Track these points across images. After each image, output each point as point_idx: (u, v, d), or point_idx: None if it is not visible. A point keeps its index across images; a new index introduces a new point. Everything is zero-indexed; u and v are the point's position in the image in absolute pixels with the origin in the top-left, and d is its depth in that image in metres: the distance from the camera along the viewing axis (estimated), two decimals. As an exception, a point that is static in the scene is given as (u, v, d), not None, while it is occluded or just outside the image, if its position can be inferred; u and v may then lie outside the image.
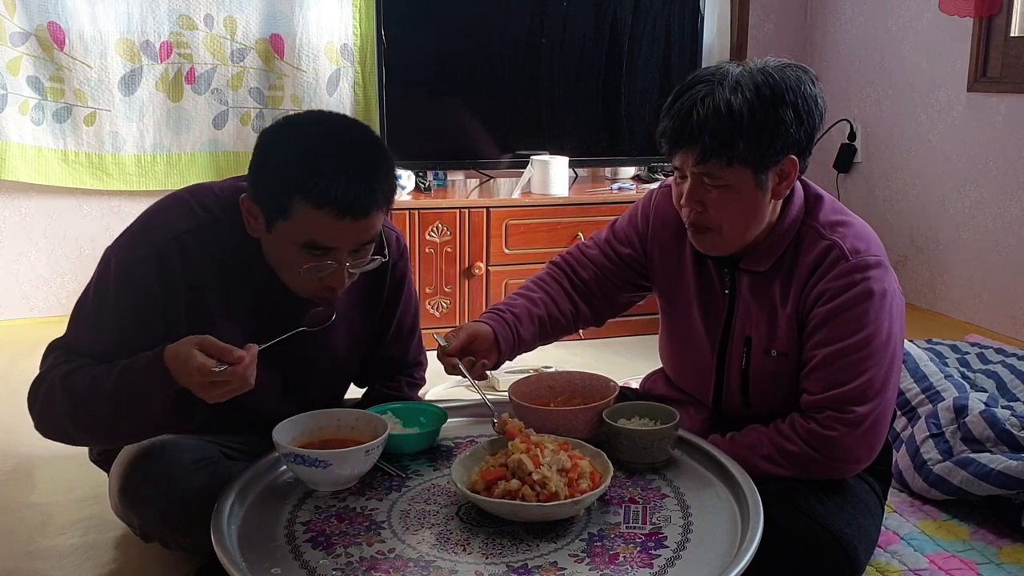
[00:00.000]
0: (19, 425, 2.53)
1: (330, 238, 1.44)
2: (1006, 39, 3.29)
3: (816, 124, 1.54)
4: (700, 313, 1.70)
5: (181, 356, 1.37)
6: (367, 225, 1.45)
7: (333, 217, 1.40)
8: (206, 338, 1.38)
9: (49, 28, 3.25)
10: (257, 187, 1.47)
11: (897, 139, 3.79)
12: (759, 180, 1.53)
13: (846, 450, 1.53)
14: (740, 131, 1.47)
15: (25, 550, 1.89)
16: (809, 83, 1.53)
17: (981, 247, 3.43)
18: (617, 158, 3.75)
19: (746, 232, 1.58)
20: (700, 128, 1.49)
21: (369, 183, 1.42)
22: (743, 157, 1.49)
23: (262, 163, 1.47)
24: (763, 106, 1.48)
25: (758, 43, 4.12)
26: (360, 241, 1.47)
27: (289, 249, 1.46)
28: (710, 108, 1.48)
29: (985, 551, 1.84)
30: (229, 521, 1.37)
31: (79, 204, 3.53)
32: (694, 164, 1.52)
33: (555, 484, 1.34)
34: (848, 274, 1.54)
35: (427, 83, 3.45)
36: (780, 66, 1.53)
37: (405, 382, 1.89)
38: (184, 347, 1.37)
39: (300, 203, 1.40)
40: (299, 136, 1.46)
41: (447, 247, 3.24)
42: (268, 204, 1.45)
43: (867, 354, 1.52)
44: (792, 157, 1.53)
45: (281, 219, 1.44)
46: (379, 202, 1.45)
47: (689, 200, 1.56)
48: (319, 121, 1.51)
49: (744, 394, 1.67)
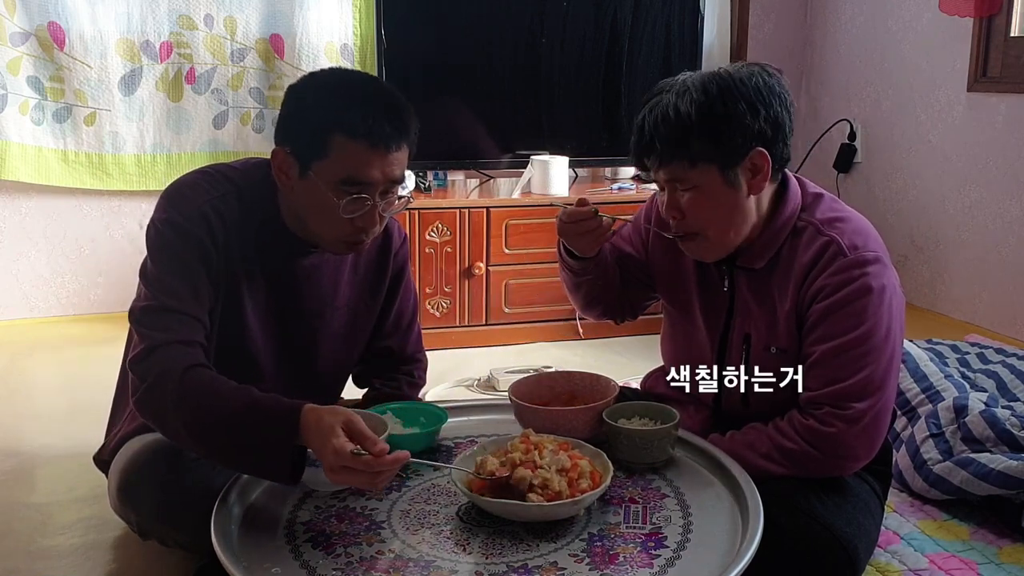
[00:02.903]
0: (19, 425, 2.54)
1: (365, 171, 1.51)
2: (1006, 39, 3.29)
3: (779, 113, 1.53)
4: (701, 311, 1.70)
5: (323, 428, 1.34)
6: (397, 159, 1.54)
7: (368, 148, 1.50)
8: (354, 420, 1.36)
9: (49, 28, 3.25)
10: (292, 132, 1.55)
11: (897, 139, 3.79)
12: (728, 177, 1.53)
13: (845, 447, 1.53)
14: (690, 130, 1.49)
15: (25, 550, 1.89)
16: (762, 75, 1.53)
17: (981, 247, 3.43)
18: (617, 158, 3.74)
19: (731, 232, 1.58)
20: (652, 135, 1.52)
21: (400, 117, 1.53)
22: (703, 155, 1.51)
23: (298, 108, 1.56)
24: (710, 103, 1.49)
25: (758, 43, 4.12)
26: (390, 178, 1.54)
27: (323, 192, 1.52)
28: (658, 115, 1.52)
29: (985, 551, 1.84)
30: (229, 521, 1.37)
31: (79, 204, 3.53)
32: (657, 171, 1.56)
33: (557, 484, 1.34)
34: (846, 270, 1.54)
35: (427, 83, 3.45)
36: (735, 67, 1.55)
37: (405, 381, 1.90)
38: (328, 419, 1.35)
39: (338, 137, 1.49)
40: (331, 81, 1.59)
41: (447, 247, 3.24)
42: (305, 145, 1.52)
43: (866, 350, 1.52)
44: (760, 149, 1.52)
45: (318, 159, 1.51)
46: (406, 137, 1.54)
47: (668, 209, 1.59)
48: (343, 72, 1.67)
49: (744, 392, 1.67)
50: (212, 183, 1.60)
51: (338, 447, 1.31)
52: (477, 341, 3.30)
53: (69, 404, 2.67)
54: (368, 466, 1.31)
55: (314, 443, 1.35)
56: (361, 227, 1.55)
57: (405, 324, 1.89)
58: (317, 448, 1.35)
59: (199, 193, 1.58)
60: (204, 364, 1.48)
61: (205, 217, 1.55)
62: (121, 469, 1.59)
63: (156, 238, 1.56)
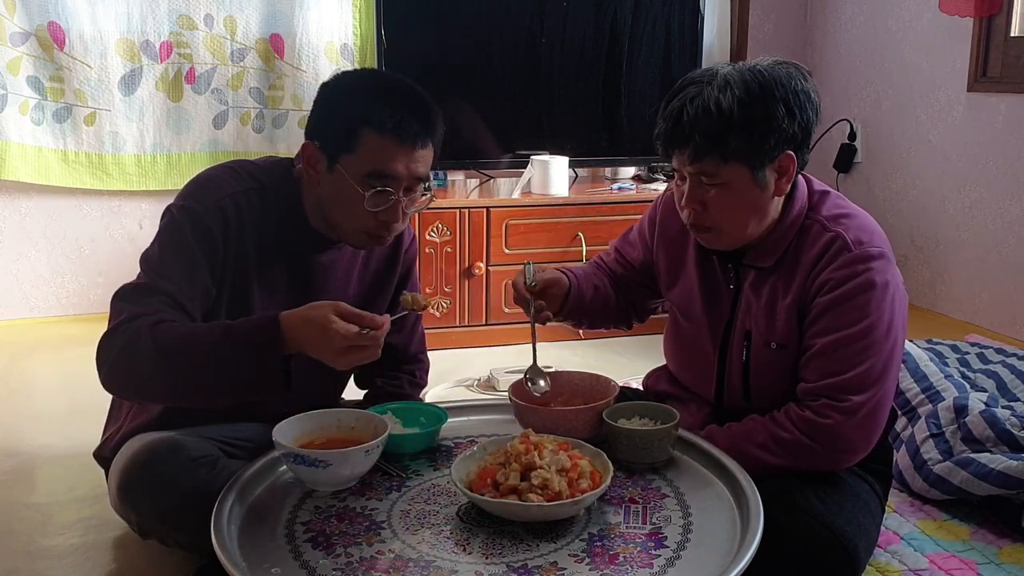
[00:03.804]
0: (19, 425, 2.54)
1: (391, 165, 1.55)
2: (1006, 39, 3.29)
3: (811, 118, 1.55)
4: (704, 309, 1.71)
5: (316, 321, 1.41)
6: (422, 157, 1.58)
7: (396, 143, 1.54)
8: (341, 304, 1.43)
9: (49, 28, 3.25)
10: (322, 126, 1.59)
11: (897, 139, 3.80)
12: (756, 177, 1.53)
13: (842, 439, 1.53)
14: (731, 127, 1.49)
15: (25, 550, 1.89)
16: (800, 78, 1.54)
17: (981, 247, 3.43)
18: (617, 158, 3.75)
19: (748, 229, 1.59)
20: (691, 127, 1.51)
21: (426, 115, 1.59)
22: (737, 154, 1.51)
23: (329, 104, 1.60)
24: (752, 102, 1.49)
25: (758, 43, 4.12)
26: (415, 175, 1.58)
27: (351, 185, 1.55)
28: (699, 107, 1.50)
29: (985, 551, 1.84)
30: (229, 521, 1.37)
31: (79, 204, 3.53)
32: (689, 163, 1.54)
33: (557, 484, 1.34)
34: (850, 264, 1.54)
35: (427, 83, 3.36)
36: (771, 64, 1.55)
37: (407, 381, 1.91)
38: (315, 312, 1.42)
39: (367, 131, 1.54)
40: (362, 79, 1.68)
41: (447, 247, 3.24)
42: (335, 139, 1.56)
43: (867, 344, 1.53)
44: (789, 152, 1.54)
45: (346, 153, 1.55)
46: (433, 135, 1.59)
47: (689, 201, 1.57)
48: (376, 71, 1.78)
49: (745, 388, 1.67)
50: (237, 178, 1.63)
51: (343, 330, 1.39)
52: (477, 341, 3.30)
53: (69, 404, 2.67)
54: (375, 340, 1.42)
55: (310, 337, 1.41)
56: (384, 221, 1.59)
57: (410, 323, 1.91)
58: (316, 339, 1.41)
59: (222, 186, 1.61)
60: (169, 318, 1.49)
61: (223, 210, 1.58)
62: (121, 469, 1.59)
63: (168, 223, 1.60)
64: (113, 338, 1.49)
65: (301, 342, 1.43)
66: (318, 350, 1.43)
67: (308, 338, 1.42)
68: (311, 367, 1.74)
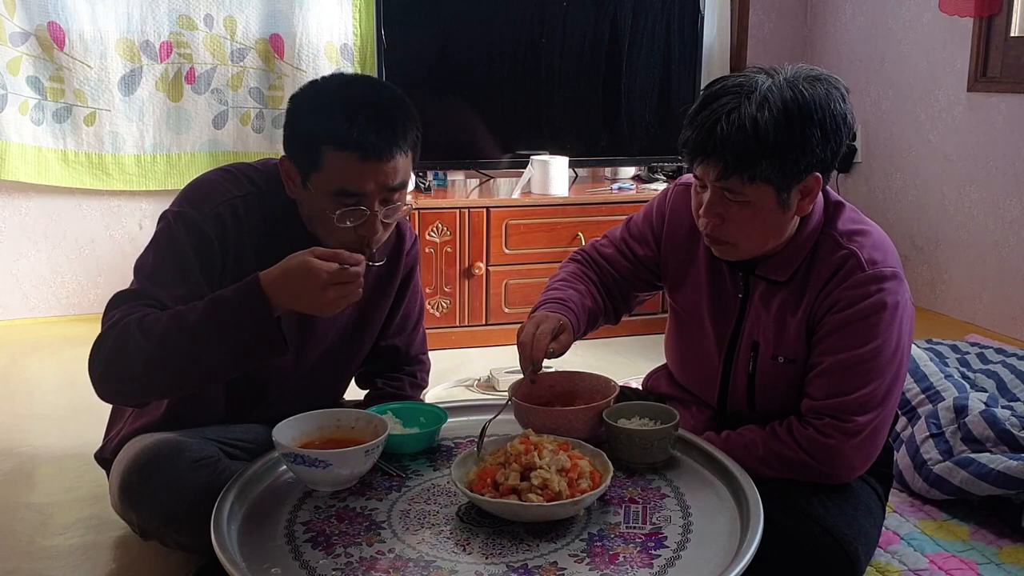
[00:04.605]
0: (19, 425, 2.54)
1: (356, 182, 1.50)
2: (1006, 39, 3.29)
3: (843, 141, 1.50)
4: (710, 314, 1.69)
5: (295, 268, 1.41)
6: (391, 169, 1.52)
7: (357, 160, 1.49)
8: (316, 248, 1.43)
9: (49, 28, 3.25)
10: (291, 144, 1.56)
11: (897, 139, 3.79)
12: (781, 198, 1.50)
13: (843, 458, 1.53)
14: (764, 150, 1.44)
15: (25, 550, 1.89)
16: (839, 99, 1.48)
17: (981, 247, 3.43)
18: (617, 158, 3.75)
19: (764, 246, 1.57)
20: (724, 144, 1.44)
21: (389, 127, 1.51)
22: (766, 175, 1.46)
23: (293, 121, 1.56)
24: (789, 125, 1.44)
25: (758, 43, 4.12)
26: (386, 185, 1.53)
27: (324, 202, 1.53)
28: (735, 124, 1.43)
29: (985, 551, 1.84)
30: (229, 521, 1.37)
31: (79, 204, 3.53)
32: (715, 179, 1.49)
33: (557, 484, 1.34)
34: (864, 284, 1.53)
35: (427, 83, 3.45)
36: (811, 78, 1.48)
37: (408, 382, 1.91)
38: (293, 261, 1.41)
39: (328, 151, 1.49)
40: (323, 92, 1.57)
41: (447, 247, 3.24)
42: (302, 159, 1.53)
43: (874, 366, 1.52)
44: (816, 175, 1.51)
45: (314, 171, 1.52)
46: (400, 145, 1.52)
47: (708, 212, 1.54)
48: (342, 79, 1.64)
49: (750, 397, 1.67)
50: (234, 183, 1.61)
51: (325, 268, 1.40)
52: (477, 341, 3.30)
53: (69, 404, 2.67)
54: (355, 276, 1.42)
55: (293, 282, 1.41)
56: (363, 235, 1.55)
57: (411, 324, 1.90)
58: (298, 281, 1.40)
59: (218, 192, 1.59)
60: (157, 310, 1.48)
61: (219, 217, 1.56)
62: (122, 470, 1.59)
63: (164, 229, 1.58)
64: (102, 343, 1.49)
65: (285, 292, 1.41)
66: (302, 292, 1.41)
67: (291, 285, 1.41)
68: (312, 366, 1.75)
